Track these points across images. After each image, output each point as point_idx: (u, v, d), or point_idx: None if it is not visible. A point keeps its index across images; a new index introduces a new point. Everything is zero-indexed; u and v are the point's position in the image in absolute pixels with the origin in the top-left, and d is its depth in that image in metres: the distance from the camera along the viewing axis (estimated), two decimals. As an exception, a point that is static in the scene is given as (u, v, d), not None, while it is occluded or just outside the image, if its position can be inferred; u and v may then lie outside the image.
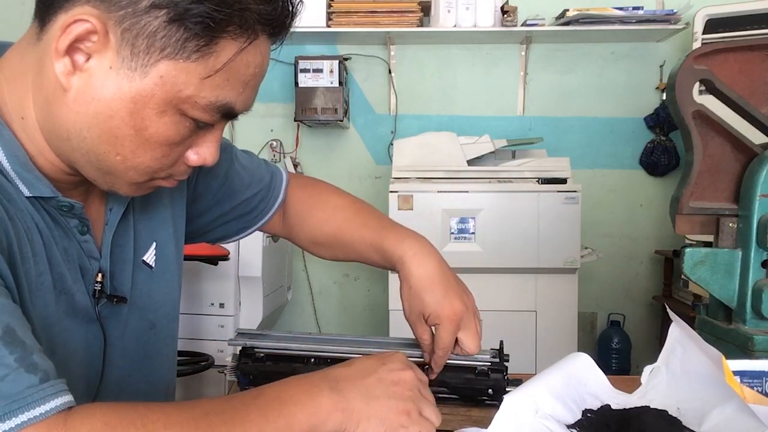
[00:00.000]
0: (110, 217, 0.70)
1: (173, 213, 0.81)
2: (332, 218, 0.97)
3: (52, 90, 0.57)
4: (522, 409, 0.63)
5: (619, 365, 2.96)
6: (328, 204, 0.99)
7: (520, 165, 2.52)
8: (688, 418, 0.65)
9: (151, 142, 0.58)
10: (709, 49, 1.15)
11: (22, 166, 0.60)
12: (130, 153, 0.59)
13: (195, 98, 0.57)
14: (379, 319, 3.05)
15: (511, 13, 2.81)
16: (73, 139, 0.59)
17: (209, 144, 0.63)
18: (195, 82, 0.56)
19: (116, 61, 0.55)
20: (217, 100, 0.58)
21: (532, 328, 2.46)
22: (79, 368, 0.66)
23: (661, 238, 3.08)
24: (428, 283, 0.86)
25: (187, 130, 0.60)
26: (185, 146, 0.62)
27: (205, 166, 0.65)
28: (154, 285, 0.75)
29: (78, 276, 0.65)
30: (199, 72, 0.56)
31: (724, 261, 1.15)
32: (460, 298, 0.85)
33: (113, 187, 0.64)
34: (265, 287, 2.60)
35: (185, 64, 0.55)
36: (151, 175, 0.63)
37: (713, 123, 1.14)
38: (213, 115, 0.59)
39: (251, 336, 0.95)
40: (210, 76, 0.56)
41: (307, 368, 0.90)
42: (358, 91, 3.15)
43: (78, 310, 0.65)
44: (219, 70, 0.57)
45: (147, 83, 0.55)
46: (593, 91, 3.09)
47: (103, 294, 0.68)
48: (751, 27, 2.56)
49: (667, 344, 0.75)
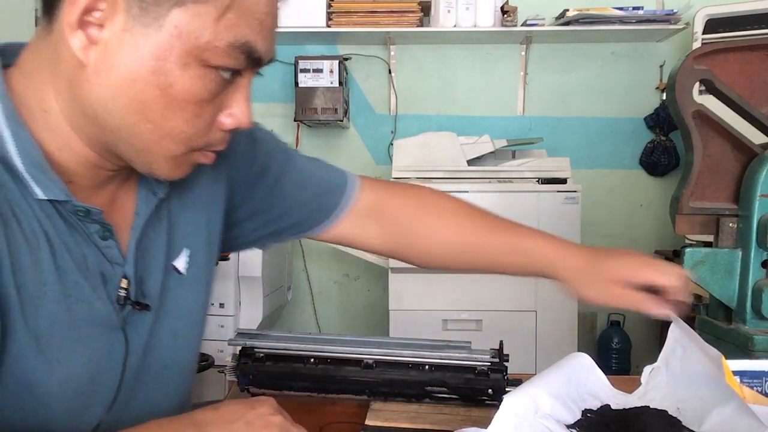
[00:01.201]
0: (136, 220, 0.68)
1: (208, 219, 0.78)
2: (450, 223, 0.89)
3: (71, 71, 0.57)
4: (522, 409, 0.63)
5: (619, 365, 2.96)
6: (439, 208, 0.91)
7: (520, 165, 2.52)
8: (688, 418, 0.65)
9: (179, 100, 0.57)
10: (709, 49, 1.15)
11: (37, 166, 0.58)
12: (160, 117, 0.57)
13: (214, 42, 0.55)
14: (379, 319, 3.05)
15: (511, 13, 2.81)
16: (100, 116, 0.57)
17: (239, 103, 0.61)
18: (210, 25, 0.55)
19: (128, 22, 0.54)
20: (236, 39, 0.56)
21: (532, 328, 2.46)
22: (97, 377, 0.63)
23: (661, 238, 3.08)
24: (598, 257, 0.83)
25: (214, 84, 0.58)
26: (216, 107, 0.60)
27: (240, 127, 0.62)
28: (181, 292, 0.73)
29: (98, 283, 0.63)
30: (211, 13, 0.55)
31: (724, 261, 1.15)
32: (627, 251, 0.84)
33: (151, 167, 0.61)
34: (265, 287, 2.60)
35: (196, 7, 0.54)
36: (186, 144, 0.60)
37: (713, 123, 1.14)
38: (237, 59, 0.57)
39: (251, 336, 0.96)
40: (223, 16, 0.55)
41: (306, 368, 0.90)
42: (358, 91, 3.15)
43: (98, 318, 0.63)
44: (230, 7, 0.55)
45: (163, 36, 0.54)
46: (593, 91, 3.09)
47: (127, 300, 0.65)
48: (751, 27, 2.56)
49: (667, 344, 0.75)
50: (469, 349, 0.93)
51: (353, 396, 0.91)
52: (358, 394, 0.91)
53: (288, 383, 0.91)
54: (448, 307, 2.47)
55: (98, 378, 0.64)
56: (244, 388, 0.92)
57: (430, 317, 2.46)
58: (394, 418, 0.85)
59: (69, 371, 0.61)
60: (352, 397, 0.91)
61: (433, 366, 0.89)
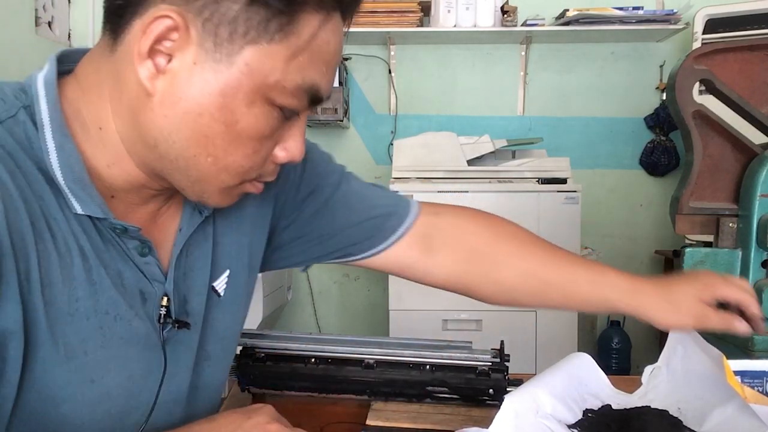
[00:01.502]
0: (179, 238, 0.67)
1: (251, 241, 0.77)
2: (532, 252, 0.85)
3: (135, 98, 0.56)
4: (523, 409, 0.63)
5: (619, 365, 2.96)
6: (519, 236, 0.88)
7: (520, 165, 2.52)
8: (688, 418, 0.65)
9: (243, 137, 0.56)
10: (709, 49, 1.15)
11: (78, 181, 0.57)
12: (221, 152, 0.57)
13: (283, 82, 0.55)
14: (379, 319, 3.05)
15: (511, 13, 2.81)
16: (161, 146, 0.57)
17: (295, 137, 0.61)
18: (281, 66, 0.55)
19: (200, 55, 0.53)
20: (304, 81, 0.56)
21: (532, 328, 2.46)
22: (131, 398, 0.62)
23: (661, 238, 3.08)
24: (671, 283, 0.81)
25: (276, 120, 0.58)
26: (273, 141, 0.60)
27: (293, 161, 0.62)
28: (218, 314, 0.72)
29: (137, 300, 0.62)
30: (284, 54, 0.54)
31: (724, 261, 1.15)
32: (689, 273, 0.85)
33: (202, 196, 0.61)
34: (265, 287, 2.60)
35: (269, 46, 0.54)
36: (242, 176, 0.60)
37: (713, 123, 1.15)
38: (301, 100, 0.58)
39: (251, 336, 0.95)
40: (294, 57, 0.55)
41: (307, 368, 0.90)
42: (358, 91, 3.15)
43: (136, 337, 0.62)
44: (302, 49, 0.55)
45: (234, 73, 0.54)
46: (593, 91, 3.09)
47: (168, 319, 0.64)
48: (751, 27, 2.56)
49: (668, 344, 0.75)
50: (469, 349, 0.93)
51: (354, 396, 0.91)
52: (359, 394, 0.91)
53: (288, 383, 0.91)
54: (448, 307, 2.47)
55: (133, 399, 0.62)
56: (244, 388, 0.92)
57: (430, 317, 2.46)
58: (395, 418, 0.85)
59: (103, 390, 0.59)
60: (352, 397, 0.91)
61: (433, 366, 0.89)
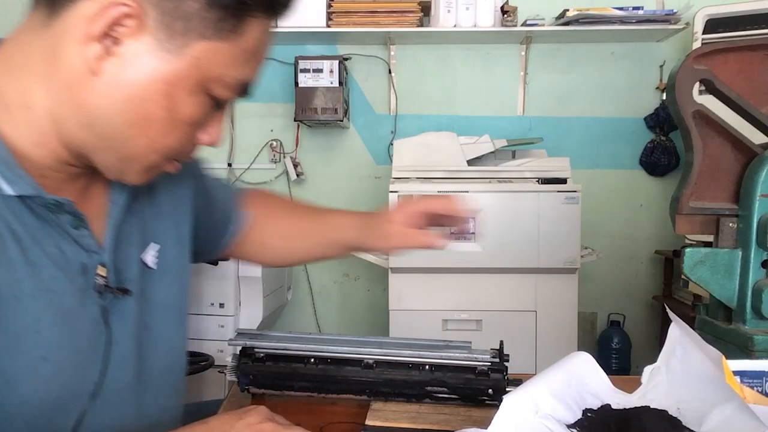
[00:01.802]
0: (113, 209, 0.69)
1: (176, 219, 0.79)
2: (286, 218, 0.98)
3: (74, 76, 0.57)
4: (522, 409, 0.63)
5: (619, 365, 2.96)
6: (277, 206, 1.00)
7: (520, 165, 2.52)
8: (688, 418, 0.65)
9: (180, 122, 0.60)
10: (709, 49, 1.15)
11: (3, 163, 0.58)
12: (159, 135, 0.60)
13: (224, 77, 0.60)
14: (379, 319, 3.04)
15: (511, 13, 2.81)
16: (97, 124, 0.59)
17: (218, 124, 0.66)
18: (225, 62, 0.59)
19: (152, 44, 0.56)
20: (243, 77, 0.61)
21: (532, 328, 2.46)
22: (81, 369, 0.64)
23: (661, 238, 3.08)
24: (385, 215, 0.91)
25: (209, 108, 0.62)
26: (199, 126, 0.64)
27: (213, 145, 0.67)
28: (152, 286, 0.74)
29: (78, 274, 0.63)
30: (229, 51, 0.59)
31: (724, 261, 1.15)
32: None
33: (122, 174, 0.64)
34: (265, 287, 2.60)
35: (218, 44, 0.58)
36: (169, 156, 0.64)
37: (713, 123, 1.14)
38: (235, 93, 0.62)
39: (251, 336, 0.96)
40: (237, 56, 0.59)
41: (306, 368, 0.90)
42: (358, 91, 3.15)
43: (81, 310, 0.63)
44: (244, 49, 0.60)
45: (182, 64, 0.57)
46: (593, 91, 3.09)
47: (107, 288, 0.65)
48: (751, 27, 2.56)
49: (667, 344, 0.75)
50: (469, 349, 0.93)
51: (353, 396, 0.91)
52: (359, 394, 0.91)
53: (288, 383, 0.91)
54: (448, 307, 2.47)
55: (82, 371, 0.64)
56: (244, 388, 0.92)
57: (430, 317, 2.46)
58: (395, 418, 0.85)
59: (55, 366, 0.61)
60: (352, 397, 0.91)
61: (433, 366, 0.89)
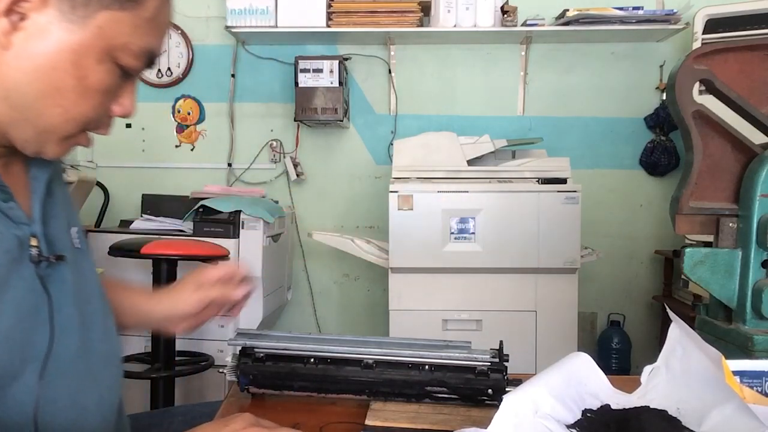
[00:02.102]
0: (35, 185, 0.71)
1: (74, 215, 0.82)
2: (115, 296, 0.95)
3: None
4: (522, 409, 0.63)
5: (619, 365, 2.96)
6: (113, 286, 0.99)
7: (520, 165, 2.52)
8: (687, 418, 0.65)
9: (91, 90, 0.63)
10: (709, 49, 1.15)
11: None
12: (71, 104, 0.63)
13: (129, 45, 0.63)
14: (379, 319, 3.05)
15: (511, 13, 2.81)
16: (12, 98, 0.61)
17: (129, 96, 0.69)
18: (128, 31, 0.63)
19: (56, 16, 0.60)
20: (147, 45, 0.65)
21: (532, 328, 2.46)
22: (28, 334, 0.65)
23: (661, 238, 3.08)
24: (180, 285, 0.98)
25: (118, 78, 0.65)
26: (110, 97, 0.67)
27: (126, 116, 0.69)
28: (81, 264, 0.76)
29: (12, 246, 0.65)
30: (131, 21, 0.62)
31: (724, 261, 1.15)
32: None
33: (41, 147, 0.66)
34: (265, 287, 2.60)
35: (119, 13, 0.61)
36: (84, 126, 0.66)
37: (713, 123, 1.14)
38: (141, 61, 0.66)
39: (251, 336, 0.96)
40: (140, 25, 0.63)
41: (307, 368, 0.90)
42: (358, 91, 3.15)
43: (18, 280, 0.65)
44: (146, 19, 0.63)
45: (87, 34, 0.61)
46: (593, 91, 3.09)
47: (41, 257, 0.67)
48: (751, 27, 2.56)
49: (667, 344, 0.75)
50: (469, 349, 0.93)
51: (353, 396, 0.91)
52: (358, 394, 0.91)
53: (288, 383, 0.91)
54: (448, 307, 2.47)
55: (30, 336, 0.65)
56: (244, 388, 0.92)
57: (430, 317, 2.46)
58: (394, 418, 0.85)
59: (2, 333, 0.62)
60: (352, 397, 0.91)
61: (433, 366, 0.89)
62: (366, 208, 3.18)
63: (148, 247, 2.06)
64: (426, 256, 2.43)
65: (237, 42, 3.13)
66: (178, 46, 3.18)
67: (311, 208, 3.21)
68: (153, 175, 3.24)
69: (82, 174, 2.58)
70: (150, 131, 3.25)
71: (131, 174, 3.25)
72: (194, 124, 3.23)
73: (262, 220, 2.53)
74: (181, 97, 3.21)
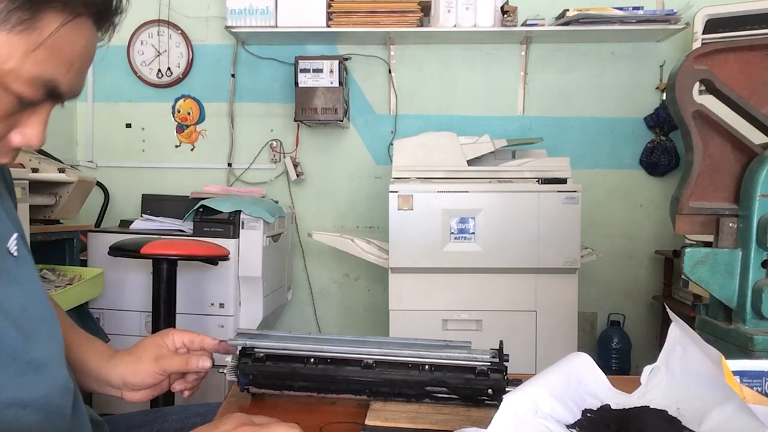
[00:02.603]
0: None
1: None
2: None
3: None
4: (522, 409, 0.63)
5: (619, 365, 2.96)
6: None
7: (520, 165, 2.52)
8: (687, 418, 0.65)
9: None
10: (709, 49, 1.15)
11: None
12: None
13: (18, 71, 0.58)
14: (379, 319, 3.05)
15: (511, 13, 2.81)
16: None
17: (35, 125, 0.64)
18: (18, 55, 0.57)
19: None
20: (41, 75, 0.59)
21: (532, 328, 2.46)
22: None
23: (661, 238, 3.08)
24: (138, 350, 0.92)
25: (10, 105, 0.60)
26: (9, 125, 0.62)
27: (30, 147, 0.65)
28: (19, 273, 0.74)
29: None
30: (23, 45, 0.57)
31: (724, 261, 1.15)
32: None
33: None
34: (265, 287, 2.60)
35: (9, 36, 0.56)
36: None
37: (713, 123, 1.14)
38: (37, 91, 0.60)
39: (251, 336, 0.95)
40: (34, 51, 0.57)
41: (307, 368, 0.90)
42: (358, 91, 3.15)
43: None
44: (41, 44, 0.58)
45: None
46: (593, 91, 3.09)
47: None
48: (751, 27, 2.56)
49: (667, 344, 0.75)
50: (469, 349, 0.93)
51: (353, 396, 0.91)
52: (358, 394, 0.91)
53: (288, 383, 0.91)
54: (448, 307, 2.47)
55: None
56: (243, 388, 0.92)
57: (430, 317, 2.46)
58: (394, 418, 0.85)
59: None
60: (352, 397, 0.91)
61: (433, 366, 0.89)
62: (366, 208, 3.18)
63: (148, 247, 2.06)
64: (426, 256, 2.43)
65: (237, 42, 3.13)
66: (178, 46, 3.18)
67: (311, 208, 3.21)
68: (153, 175, 3.24)
69: (82, 174, 2.58)
70: (150, 131, 3.25)
71: (131, 174, 3.25)
72: (194, 124, 3.23)
73: (262, 220, 2.53)
74: (181, 97, 3.22)
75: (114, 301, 2.58)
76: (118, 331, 2.55)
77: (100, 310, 2.59)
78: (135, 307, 2.58)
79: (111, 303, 2.59)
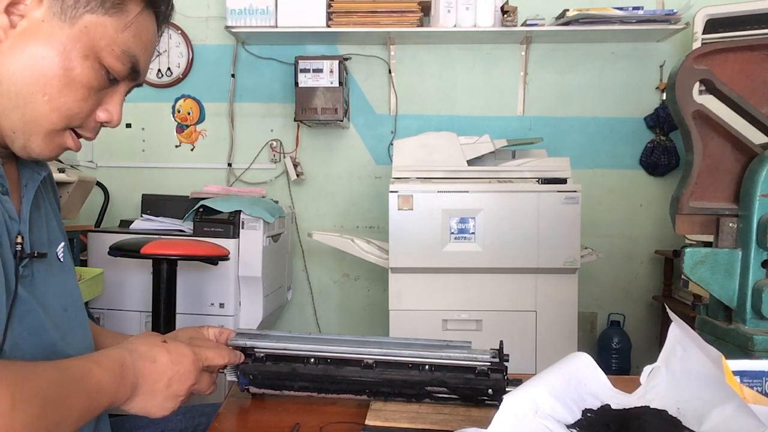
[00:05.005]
0: (26, 191, 0.76)
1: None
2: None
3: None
4: (522, 409, 0.63)
5: (619, 365, 2.96)
6: None
7: (520, 165, 2.52)
8: (687, 418, 0.65)
9: (75, 82, 0.69)
10: (709, 49, 1.15)
11: None
12: (57, 92, 0.68)
13: (111, 47, 0.70)
14: (379, 319, 3.05)
15: (511, 13, 2.81)
16: (4, 83, 0.67)
17: (115, 103, 0.75)
18: (111, 34, 0.70)
19: (48, 15, 0.67)
20: (129, 50, 0.71)
21: (532, 328, 2.46)
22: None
23: (661, 238, 3.08)
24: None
25: (102, 79, 0.71)
26: (98, 99, 0.73)
27: (111, 124, 0.75)
28: (65, 277, 0.80)
29: (3, 233, 0.69)
30: (114, 25, 0.70)
31: (724, 261, 1.15)
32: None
33: (28, 142, 0.70)
34: (265, 287, 2.60)
35: (104, 17, 0.69)
36: (69, 120, 0.71)
37: (713, 123, 1.14)
38: (124, 65, 0.72)
39: (251, 336, 0.96)
40: (122, 31, 0.70)
41: (307, 368, 0.90)
42: (358, 91, 3.15)
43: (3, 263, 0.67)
44: (127, 27, 0.71)
45: (74, 31, 0.68)
46: (593, 91, 3.09)
47: (24, 254, 0.71)
48: (751, 27, 2.56)
49: (667, 344, 0.75)
50: (469, 349, 0.93)
51: (353, 396, 0.91)
52: (358, 394, 0.91)
53: (288, 383, 0.91)
54: (448, 307, 2.47)
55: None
56: (244, 388, 0.92)
57: (430, 317, 2.46)
58: (394, 418, 0.85)
59: None
60: (352, 397, 0.91)
61: (433, 366, 0.89)
62: (366, 208, 3.18)
63: (148, 247, 2.06)
64: (426, 256, 2.43)
65: (237, 42, 3.13)
66: (178, 46, 3.18)
67: (311, 208, 3.21)
68: (153, 175, 3.24)
69: (82, 174, 2.58)
70: (150, 131, 3.25)
71: (131, 174, 3.25)
72: (194, 124, 3.23)
73: (262, 220, 2.53)
74: (181, 97, 3.22)
75: (114, 301, 2.58)
76: (118, 331, 2.55)
77: (100, 310, 2.59)
78: (135, 307, 2.58)
79: (111, 303, 2.59)
